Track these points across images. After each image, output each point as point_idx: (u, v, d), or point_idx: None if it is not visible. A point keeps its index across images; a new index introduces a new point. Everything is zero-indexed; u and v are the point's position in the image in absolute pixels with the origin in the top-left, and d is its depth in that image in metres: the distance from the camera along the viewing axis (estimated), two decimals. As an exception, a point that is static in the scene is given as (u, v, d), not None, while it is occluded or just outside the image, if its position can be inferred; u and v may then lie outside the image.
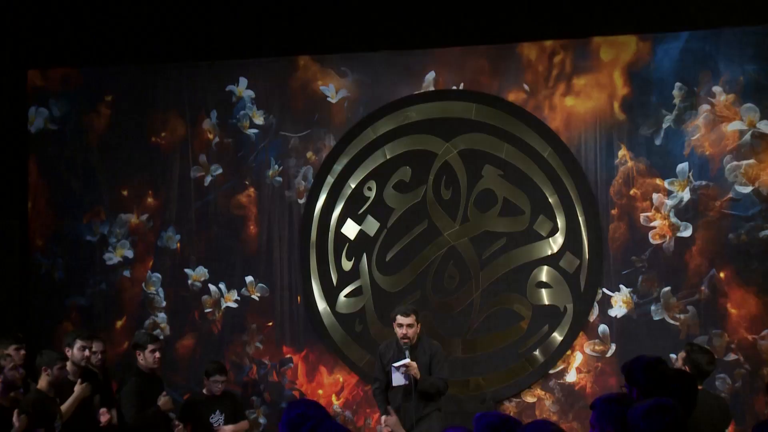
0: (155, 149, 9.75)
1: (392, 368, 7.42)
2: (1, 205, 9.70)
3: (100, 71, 9.86)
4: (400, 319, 7.54)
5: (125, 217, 9.78)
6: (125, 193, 9.78)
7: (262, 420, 9.33)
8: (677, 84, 8.35)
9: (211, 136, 9.62)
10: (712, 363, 6.51)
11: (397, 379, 7.42)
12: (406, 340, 7.51)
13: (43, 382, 7.27)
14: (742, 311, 8.00)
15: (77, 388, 7.50)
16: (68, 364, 7.59)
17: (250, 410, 9.26)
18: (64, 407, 7.38)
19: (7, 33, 9.65)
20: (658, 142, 8.38)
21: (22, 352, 7.80)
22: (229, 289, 9.53)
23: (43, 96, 9.93)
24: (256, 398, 9.35)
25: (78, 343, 7.67)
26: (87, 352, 7.73)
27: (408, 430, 7.37)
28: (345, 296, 9.21)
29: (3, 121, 9.84)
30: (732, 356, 7.97)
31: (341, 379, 9.21)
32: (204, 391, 8.46)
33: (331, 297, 9.22)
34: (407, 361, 7.39)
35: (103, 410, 7.75)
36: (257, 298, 9.45)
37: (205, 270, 9.59)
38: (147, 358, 8.04)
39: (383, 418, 7.32)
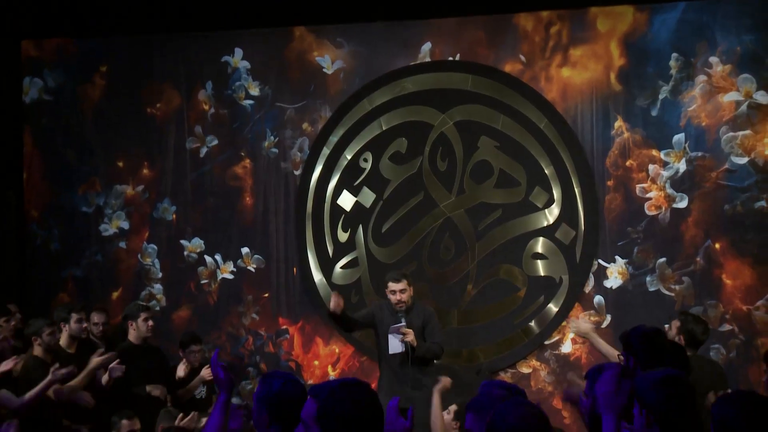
0: (150, 120, 9.72)
1: (390, 334, 7.49)
2: (-3, 177, 9.70)
3: (94, 42, 9.81)
4: (392, 285, 7.63)
5: (121, 188, 9.76)
6: (120, 164, 9.76)
7: (258, 391, 9.33)
8: (674, 55, 8.33)
9: (206, 107, 9.59)
10: (707, 333, 6.56)
11: (394, 347, 7.50)
12: (401, 305, 7.58)
13: (36, 351, 7.29)
14: (737, 282, 8.02)
15: (93, 360, 7.48)
16: (64, 336, 7.62)
17: (246, 381, 9.29)
18: (76, 380, 7.39)
19: (0, 3, 9.59)
20: (654, 113, 8.37)
21: (12, 323, 7.83)
22: (225, 260, 9.53)
23: (37, 66, 9.89)
24: (252, 369, 9.37)
25: (74, 317, 7.68)
26: (84, 324, 7.74)
27: (406, 397, 7.43)
28: (341, 268, 9.22)
29: (-3, 92, 9.82)
30: (726, 327, 7.99)
31: (337, 350, 9.23)
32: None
33: (327, 268, 9.23)
34: (404, 324, 7.46)
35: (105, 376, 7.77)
36: (253, 270, 9.45)
37: (201, 241, 9.59)
38: (140, 327, 8.04)
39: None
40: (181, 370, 8.16)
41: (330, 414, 2.96)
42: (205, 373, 8.03)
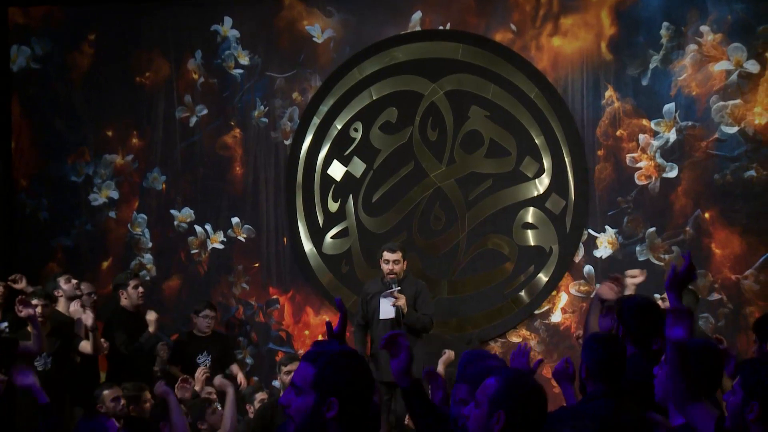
0: (139, 89, 9.67)
1: (381, 299, 7.57)
2: (-16, 146, 9.66)
3: (82, 9, 9.74)
4: (386, 255, 7.76)
5: (110, 157, 9.73)
6: (110, 133, 9.72)
7: (248, 360, 9.37)
8: (665, 23, 8.29)
9: (195, 76, 9.54)
10: (697, 301, 6.61)
11: (385, 312, 7.63)
12: (392, 276, 7.73)
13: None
14: (726, 251, 8.04)
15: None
16: (62, 301, 7.65)
17: (236, 350, 9.30)
18: (84, 344, 7.50)
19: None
20: (644, 82, 8.35)
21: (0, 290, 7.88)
22: (215, 230, 9.52)
23: (24, 34, 9.82)
24: (242, 339, 9.38)
25: (62, 279, 7.71)
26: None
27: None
28: (331, 237, 9.21)
29: (-16, 60, 9.75)
30: (715, 296, 8.02)
31: (327, 320, 9.21)
32: (194, 331, 8.50)
33: (317, 238, 9.23)
34: (397, 289, 7.60)
35: (102, 340, 7.81)
36: (243, 240, 9.45)
37: (191, 211, 9.57)
38: (131, 295, 8.09)
39: None
40: (163, 352, 8.19)
41: (327, 381, 2.96)
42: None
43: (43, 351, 7.29)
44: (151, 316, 8.13)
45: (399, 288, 7.71)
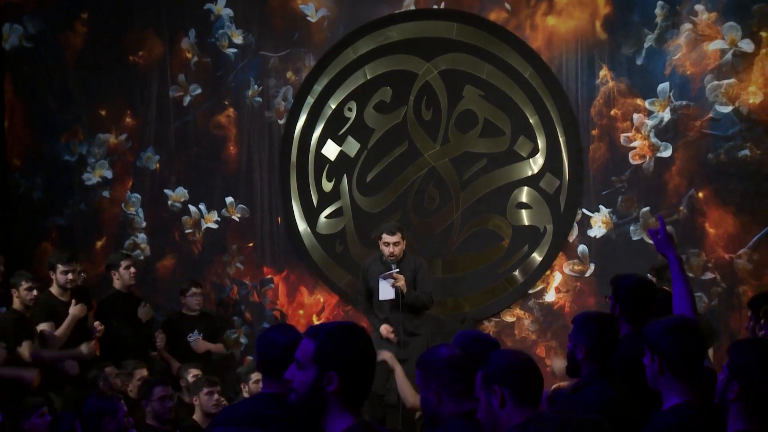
0: (133, 68, 9.64)
1: (380, 280, 7.66)
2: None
3: (75, -13, 9.71)
4: (386, 237, 7.79)
5: (103, 137, 9.71)
6: (103, 112, 9.70)
7: (243, 340, 9.39)
8: (659, 2, 8.25)
9: (189, 56, 9.51)
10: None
11: (385, 293, 7.69)
12: (392, 257, 7.76)
13: (16, 303, 7.31)
14: (720, 231, 8.04)
15: (72, 310, 7.49)
16: (54, 287, 7.62)
17: (231, 330, 9.32)
18: (59, 331, 7.41)
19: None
20: (639, 61, 8.32)
21: None
22: (209, 209, 9.51)
23: (16, 12, 9.77)
24: (237, 318, 9.39)
25: (59, 268, 7.67)
26: (71, 276, 7.71)
27: (396, 343, 7.59)
28: (325, 217, 9.21)
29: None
30: (709, 275, 8.02)
31: (322, 300, 9.25)
32: (183, 310, 8.54)
33: (311, 218, 9.22)
34: (396, 270, 7.68)
35: (97, 323, 7.80)
36: (237, 219, 9.45)
37: (185, 191, 9.56)
38: (123, 275, 8.09)
39: (382, 327, 7.75)
40: (159, 340, 8.21)
41: (328, 354, 2.97)
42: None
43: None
44: (147, 314, 8.11)
45: (398, 269, 7.74)
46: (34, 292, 7.34)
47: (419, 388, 3.73)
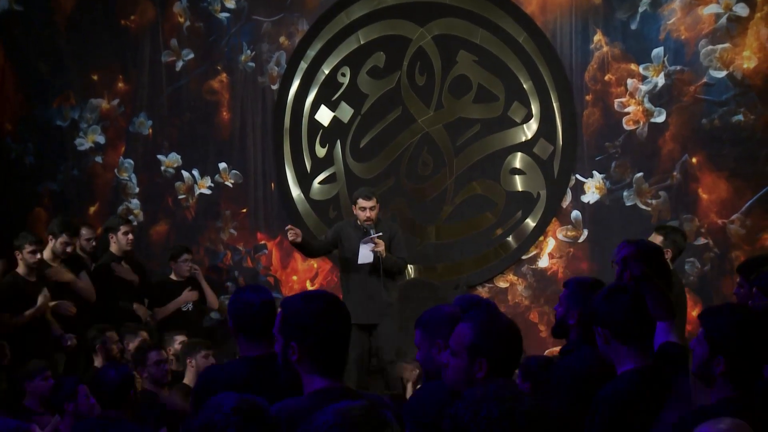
0: (124, 32, 9.59)
1: (361, 244, 7.70)
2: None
3: (65, -51, 9.64)
4: (362, 202, 7.87)
5: (96, 102, 9.67)
6: (95, 77, 9.65)
7: (236, 306, 9.37)
8: (654, -35, 8.21)
9: (181, 20, 9.46)
10: (686, 239, 6.66)
11: (364, 257, 7.76)
12: (369, 222, 7.88)
13: (20, 266, 7.34)
14: (713, 196, 8.04)
15: (40, 299, 7.42)
16: (48, 252, 7.63)
17: (225, 296, 9.32)
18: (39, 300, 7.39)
19: None
20: (633, 26, 8.28)
21: None
22: (202, 175, 9.50)
23: (7, -24, 9.71)
24: (230, 284, 9.39)
25: (61, 238, 7.67)
26: (70, 249, 7.73)
27: (373, 307, 7.78)
28: (319, 183, 9.20)
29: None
30: (702, 240, 8.03)
31: (315, 266, 9.25)
32: (172, 276, 8.52)
33: (305, 184, 9.21)
34: (379, 234, 7.75)
35: (70, 336, 7.68)
36: (231, 185, 9.43)
37: (178, 156, 9.54)
38: (120, 240, 8.09)
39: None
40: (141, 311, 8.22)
41: (288, 326, 3.01)
42: (188, 296, 8.15)
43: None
44: (141, 310, 8.13)
45: (380, 233, 7.80)
46: (38, 255, 7.37)
47: (420, 347, 3.72)
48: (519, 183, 8.65)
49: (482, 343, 3.13)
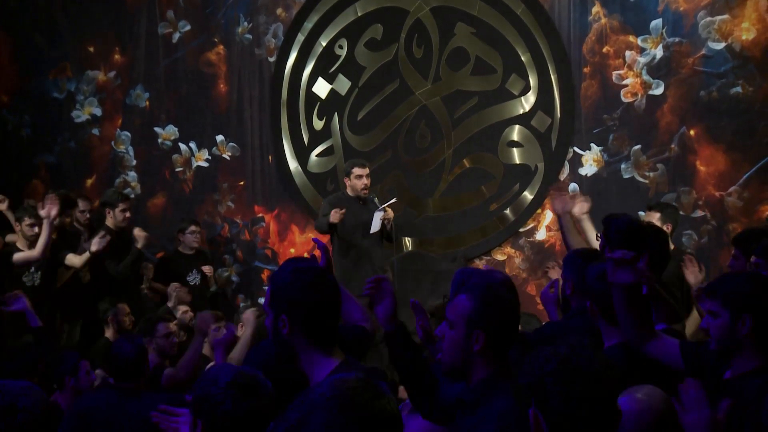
0: (121, 4, 9.56)
1: (375, 213, 7.88)
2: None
3: None
4: (358, 170, 8.00)
5: (92, 74, 9.64)
6: (91, 49, 9.61)
7: (234, 278, 9.41)
8: (653, -63, 8.16)
9: (178, -9, 9.42)
10: (679, 213, 6.67)
11: (375, 225, 7.91)
12: (366, 191, 8.00)
13: (18, 238, 7.35)
14: (711, 168, 8.03)
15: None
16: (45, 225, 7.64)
17: (222, 268, 9.33)
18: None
19: None
20: (632, -2, 8.25)
21: None
22: (199, 148, 9.48)
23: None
24: (228, 257, 9.41)
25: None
26: (69, 219, 7.76)
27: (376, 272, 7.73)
28: (316, 156, 9.19)
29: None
30: (699, 213, 8.03)
31: (312, 238, 9.23)
32: (179, 248, 8.54)
33: (302, 156, 9.20)
34: (393, 201, 7.96)
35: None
36: (228, 158, 9.42)
37: (175, 129, 9.52)
38: (117, 216, 8.09)
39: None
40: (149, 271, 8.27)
41: (277, 300, 3.02)
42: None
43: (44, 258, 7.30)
44: (140, 232, 8.14)
45: (394, 199, 7.98)
46: (36, 229, 7.35)
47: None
48: (517, 156, 8.63)
49: (481, 315, 3.06)
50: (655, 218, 6.64)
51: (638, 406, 2.59)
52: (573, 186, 8.45)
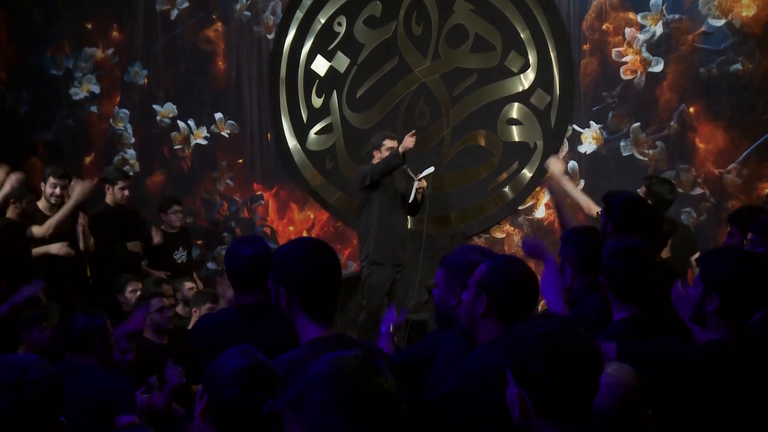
0: (119, -20, 9.52)
1: (416, 181, 7.87)
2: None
3: None
4: (389, 143, 7.88)
5: (90, 51, 9.61)
6: (89, 26, 9.58)
7: (233, 256, 9.39)
8: None
9: (176, -32, 9.38)
10: (674, 192, 6.60)
11: (413, 195, 7.89)
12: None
13: (11, 213, 7.31)
14: (710, 146, 8.01)
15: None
16: (42, 200, 7.61)
17: (221, 246, 9.34)
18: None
19: None
20: (632, -26, 8.21)
21: None
22: (198, 125, 9.47)
23: None
24: (227, 234, 9.41)
25: (50, 180, 7.64)
26: (58, 190, 7.68)
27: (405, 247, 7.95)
28: (315, 133, 9.17)
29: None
30: (698, 190, 8.02)
31: (312, 216, 9.26)
32: (162, 227, 8.49)
33: (301, 134, 9.18)
34: (431, 169, 7.94)
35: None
36: (227, 135, 9.40)
37: (174, 106, 9.50)
38: (116, 194, 8.07)
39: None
40: (156, 236, 8.24)
41: (276, 272, 3.04)
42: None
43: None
44: (136, 247, 8.11)
45: (432, 169, 7.95)
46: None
47: (439, 286, 3.71)
48: (516, 133, 8.62)
49: (488, 280, 3.15)
50: (641, 192, 6.60)
51: (609, 380, 2.60)
52: (572, 164, 8.44)
